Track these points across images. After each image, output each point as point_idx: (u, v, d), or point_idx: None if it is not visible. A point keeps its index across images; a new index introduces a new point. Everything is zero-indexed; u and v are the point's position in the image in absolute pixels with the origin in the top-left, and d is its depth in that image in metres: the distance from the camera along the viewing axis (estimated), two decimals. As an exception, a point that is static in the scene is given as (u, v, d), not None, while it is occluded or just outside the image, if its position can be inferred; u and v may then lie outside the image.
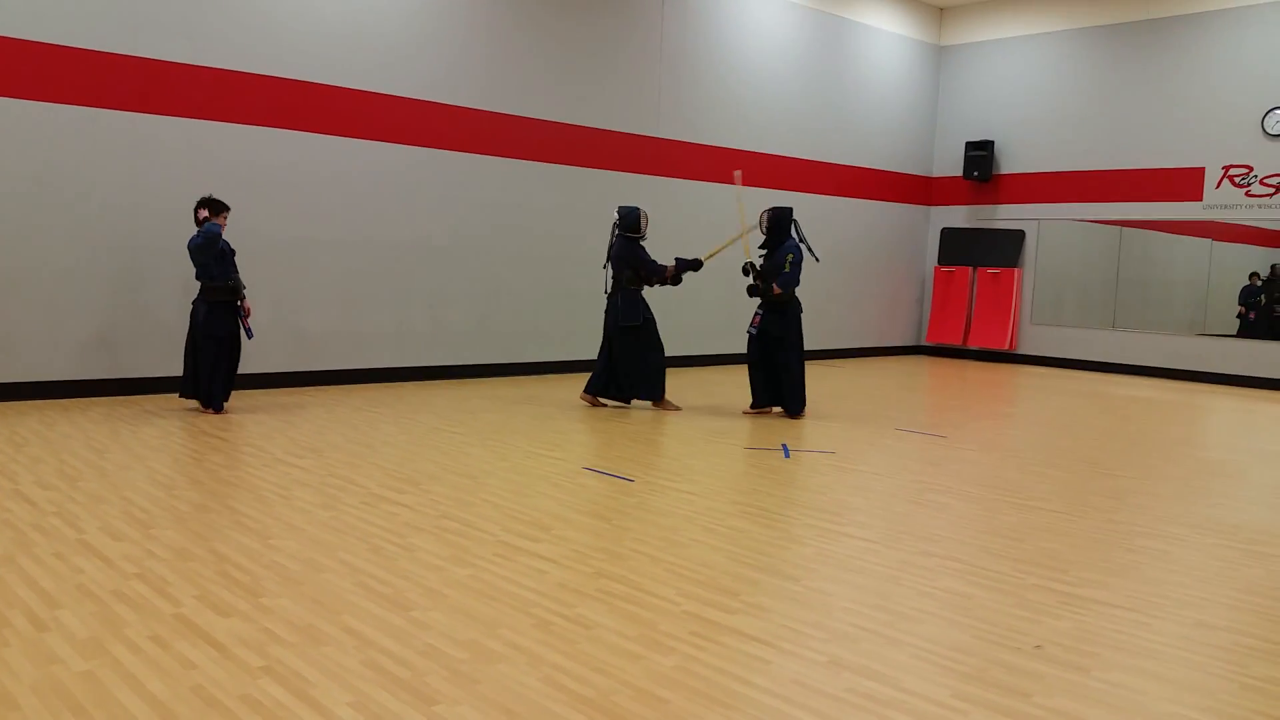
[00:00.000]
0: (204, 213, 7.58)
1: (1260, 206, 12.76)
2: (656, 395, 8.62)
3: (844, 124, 14.46)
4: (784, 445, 7.20)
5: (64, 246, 8.04)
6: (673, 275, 8.60)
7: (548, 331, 11.27)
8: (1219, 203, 13.09)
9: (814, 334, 14.10)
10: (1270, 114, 12.61)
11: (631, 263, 8.50)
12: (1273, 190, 12.60)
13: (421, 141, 10.03)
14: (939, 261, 15.85)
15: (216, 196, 7.83)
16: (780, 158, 13.55)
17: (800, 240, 8.45)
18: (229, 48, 8.73)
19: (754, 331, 8.48)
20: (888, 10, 14.95)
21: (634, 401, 8.82)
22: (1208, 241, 13.62)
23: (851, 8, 14.37)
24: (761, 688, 3.03)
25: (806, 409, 8.67)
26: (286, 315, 9.24)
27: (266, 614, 3.50)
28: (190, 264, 7.63)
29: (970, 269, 15.44)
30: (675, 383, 9.88)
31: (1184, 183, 13.35)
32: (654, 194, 11.63)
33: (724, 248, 9.04)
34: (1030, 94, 14.86)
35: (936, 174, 16.03)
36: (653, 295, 8.81)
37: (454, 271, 10.41)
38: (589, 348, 11.58)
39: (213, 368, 7.64)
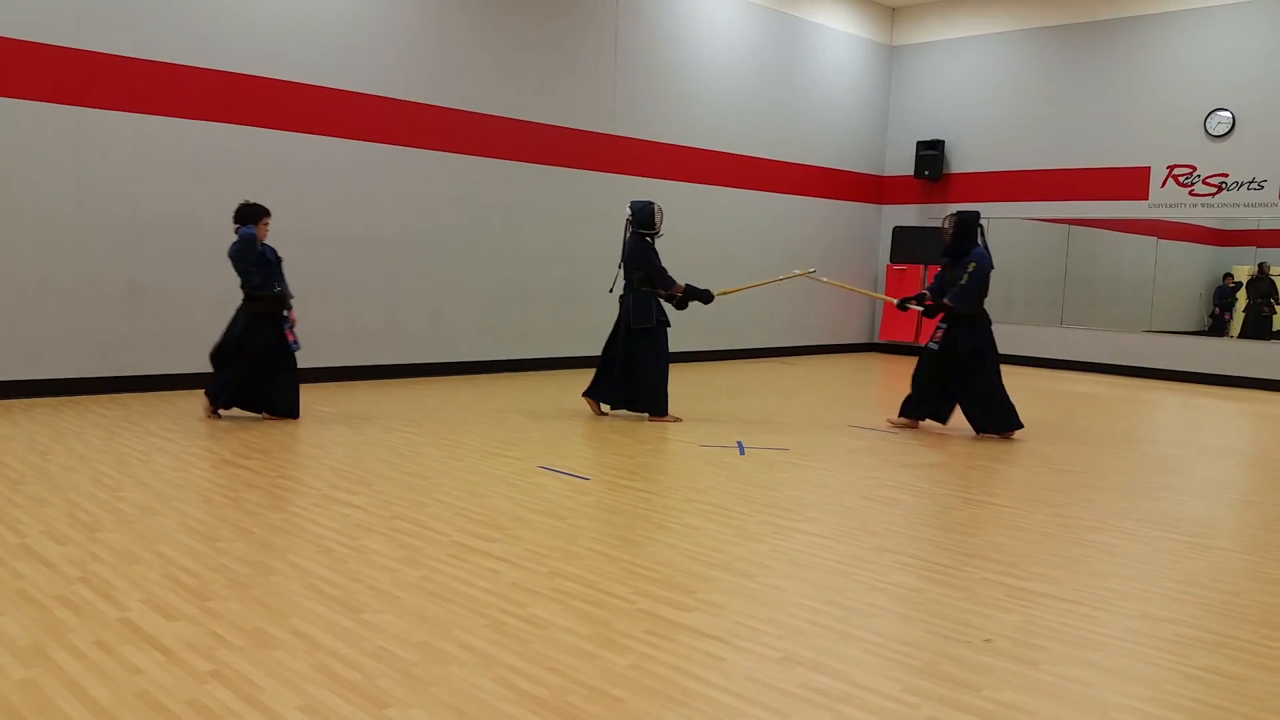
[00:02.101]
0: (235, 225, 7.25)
1: (1203, 206, 13.04)
2: (659, 409, 8.04)
3: (796, 123, 14.54)
4: (739, 443, 7.22)
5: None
6: (680, 296, 8.07)
7: (502, 330, 11.21)
8: (1164, 202, 13.35)
9: (767, 332, 14.23)
10: (1212, 115, 12.89)
11: (642, 264, 7.99)
12: (1215, 190, 12.88)
13: (372, 137, 9.92)
14: (891, 259, 15.98)
15: (253, 201, 7.36)
16: (733, 156, 13.60)
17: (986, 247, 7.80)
18: (172, 40, 8.55)
19: (935, 347, 7.74)
20: (840, 10, 15.06)
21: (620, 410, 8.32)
22: (1153, 240, 13.89)
23: (804, 7, 14.45)
24: (715, 685, 3.04)
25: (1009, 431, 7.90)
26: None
27: (214, 618, 3.44)
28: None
29: (922, 267, 15.59)
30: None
31: (1130, 182, 13.60)
32: (609, 191, 11.63)
33: (748, 287, 9.54)
34: (980, 94, 15.06)
35: (888, 173, 16.18)
36: None
37: (407, 269, 10.32)
38: (544, 346, 11.57)
39: (238, 380, 7.31)
